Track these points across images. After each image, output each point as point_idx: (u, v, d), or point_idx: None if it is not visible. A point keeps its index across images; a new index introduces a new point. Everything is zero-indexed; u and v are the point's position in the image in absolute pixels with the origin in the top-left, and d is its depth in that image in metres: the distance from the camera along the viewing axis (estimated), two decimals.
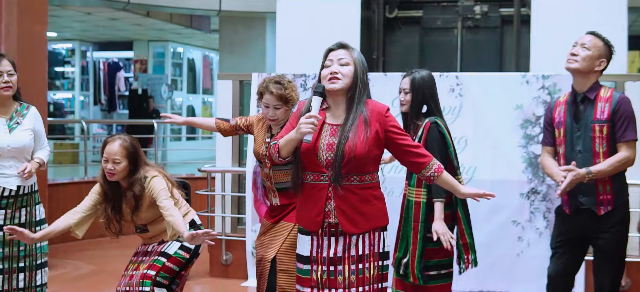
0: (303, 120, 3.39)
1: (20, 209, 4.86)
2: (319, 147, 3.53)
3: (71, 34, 19.07)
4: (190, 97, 20.49)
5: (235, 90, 7.24)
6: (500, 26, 8.26)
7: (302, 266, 3.66)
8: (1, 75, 4.75)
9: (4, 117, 4.84)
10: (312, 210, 3.58)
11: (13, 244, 4.81)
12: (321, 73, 3.60)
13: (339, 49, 3.64)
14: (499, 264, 6.08)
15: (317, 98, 3.49)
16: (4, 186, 4.79)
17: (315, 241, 3.61)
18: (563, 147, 4.38)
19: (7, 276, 4.80)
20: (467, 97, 6.20)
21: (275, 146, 3.55)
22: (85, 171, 10.07)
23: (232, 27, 14.68)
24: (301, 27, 7.92)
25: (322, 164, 3.52)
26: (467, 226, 4.55)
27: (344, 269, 3.57)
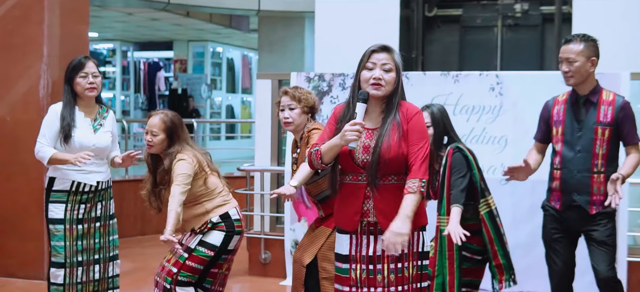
0: (348, 127, 3.38)
1: (97, 204, 5.14)
2: (356, 150, 3.56)
3: (112, 34, 19.27)
4: (229, 97, 20.59)
5: (274, 89, 7.26)
6: (541, 24, 8.18)
7: (341, 265, 3.69)
8: (87, 76, 5.00)
9: (89, 118, 5.11)
10: (349, 209, 3.62)
11: (90, 236, 5.09)
12: (361, 74, 3.58)
13: (382, 52, 3.60)
14: (538, 264, 5.99)
15: (362, 105, 3.47)
16: (85, 182, 5.05)
17: (354, 239, 3.63)
18: (561, 145, 4.49)
19: (85, 268, 5.08)
20: (507, 96, 6.15)
21: (317, 153, 3.56)
22: (125, 170, 10.16)
23: (271, 26, 14.72)
24: (340, 27, 7.92)
25: (359, 166, 3.57)
26: (500, 247, 4.57)
27: (383, 268, 3.60)
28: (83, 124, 5.05)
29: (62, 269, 5.00)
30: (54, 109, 5.06)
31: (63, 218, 5.00)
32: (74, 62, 5.05)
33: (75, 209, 5.03)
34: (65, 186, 5.01)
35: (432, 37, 8.46)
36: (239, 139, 18.64)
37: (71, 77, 5.03)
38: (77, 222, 5.04)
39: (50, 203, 5.03)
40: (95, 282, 5.15)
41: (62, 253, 5.00)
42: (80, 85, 5.01)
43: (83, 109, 5.08)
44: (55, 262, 5.02)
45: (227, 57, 20.55)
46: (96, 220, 5.13)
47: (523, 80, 6.21)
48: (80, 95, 5.06)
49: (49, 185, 5.06)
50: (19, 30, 6.98)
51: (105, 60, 19.91)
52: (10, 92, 7.02)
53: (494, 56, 8.31)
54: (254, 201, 7.46)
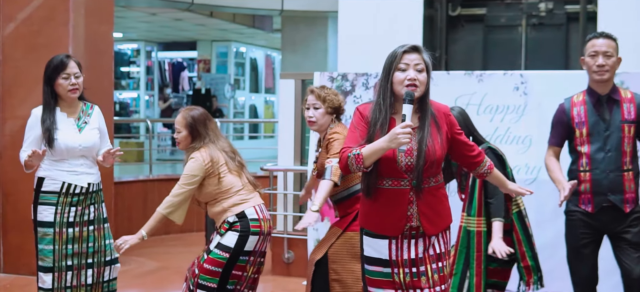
0: (399, 131, 3.28)
1: (89, 207, 4.93)
2: (397, 153, 3.48)
3: (136, 35, 19.38)
4: (253, 97, 20.64)
5: (297, 89, 7.27)
6: (565, 23, 8.12)
7: (382, 269, 3.61)
8: (69, 77, 4.80)
9: (72, 117, 4.90)
10: (392, 215, 3.55)
11: (82, 240, 4.89)
12: (394, 75, 3.52)
13: (413, 52, 3.54)
14: (563, 266, 5.94)
15: (410, 106, 3.38)
16: (76, 183, 4.85)
17: (394, 244, 3.57)
18: (587, 146, 4.42)
19: (76, 272, 4.87)
20: (531, 96, 6.11)
21: (359, 157, 3.42)
22: (150, 169, 10.23)
23: (294, 26, 14.73)
24: (363, 26, 7.91)
25: (401, 170, 3.50)
26: (529, 248, 4.57)
27: (426, 269, 3.59)
28: (67, 125, 4.85)
29: (50, 274, 4.80)
30: (35, 113, 4.87)
31: (53, 221, 4.80)
32: (55, 62, 4.83)
33: (65, 212, 4.83)
34: (56, 187, 4.82)
35: (455, 36, 8.43)
36: (262, 139, 18.68)
37: (52, 77, 4.82)
38: (68, 225, 4.83)
39: (39, 205, 4.84)
40: (88, 287, 4.93)
41: (50, 257, 4.79)
42: (62, 87, 4.81)
43: (65, 109, 4.88)
44: (43, 266, 4.82)
45: (250, 57, 20.60)
46: (89, 223, 4.92)
47: (548, 80, 6.17)
48: (62, 96, 4.85)
49: (38, 185, 4.87)
50: (44, 31, 7.04)
51: (130, 61, 20.02)
52: (35, 93, 7.05)
53: (518, 55, 8.26)
54: (277, 200, 7.47)
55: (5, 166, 7.18)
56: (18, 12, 7.12)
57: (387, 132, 3.37)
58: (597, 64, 4.38)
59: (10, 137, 7.17)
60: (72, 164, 4.84)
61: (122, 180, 9.36)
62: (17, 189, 7.14)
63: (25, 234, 7.08)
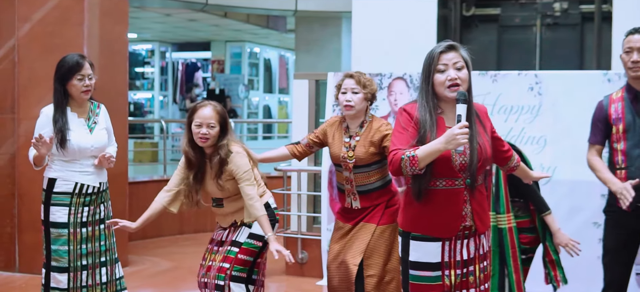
0: (457, 131, 3.22)
1: (99, 206, 4.95)
2: (452, 152, 3.42)
3: (151, 35, 19.45)
4: (267, 97, 20.67)
5: (311, 89, 7.27)
6: (580, 23, 8.09)
7: (430, 273, 3.55)
8: (83, 78, 4.78)
9: (83, 118, 4.89)
10: (446, 216, 3.50)
11: (95, 239, 4.91)
12: (434, 77, 3.47)
13: (450, 51, 3.49)
14: (578, 266, 5.94)
15: (463, 106, 3.32)
16: (88, 183, 4.86)
17: (447, 245, 3.53)
18: (623, 143, 4.37)
19: (90, 271, 4.90)
20: (546, 96, 6.09)
21: (414, 159, 3.32)
22: (164, 169, 10.26)
23: (308, 26, 14.74)
24: (377, 26, 7.90)
25: (456, 169, 3.45)
26: (552, 243, 4.57)
27: (475, 269, 3.59)
28: (78, 126, 4.83)
29: (66, 274, 4.80)
30: (46, 113, 4.83)
31: (67, 222, 4.81)
32: (71, 62, 4.78)
33: (79, 212, 4.83)
34: (68, 187, 4.81)
35: (470, 36, 8.41)
36: (276, 139, 18.69)
37: (66, 77, 4.78)
38: (82, 225, 4.85)
39: (52, 206, 4.83)
40: (103, 285, 4.95)
41: (65, 258, 4.80)
42: (75, 87, 4.78)
43: (75, 109, 4.86)
44: (58, 267, 4.81)
45: (264, 57, 20.64)
46: (100, 222, 4.95)
47: (562, 80, 6.15)
48: (73, 96, 4.82)
49: (49, 186, 4.85)
50: (59, 32, 7.07)
51: (144, 61, 20.10)
52: (50, 93, 7.06)
53: (533, 55, 8.24)
54: (291, 200, 7.47)
55: (20, 166, 7.22)
56: (33, 12, 7.16)
57: (436, 133, 3.37)
58: (632, 60, 4.32)
59: (25, 137, 7.20)
60: (83, 164, 4.85)
61: (137, 180, 9.39)
62: (32, 189, 7.16)
63: (40, 234, 7.09)
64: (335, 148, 4.63)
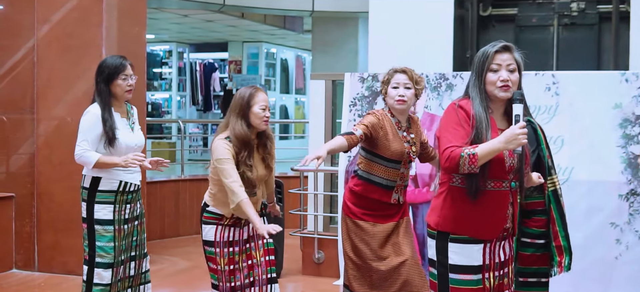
0: (519, 132, 3.23)
1: (136, 202, 5.11)
2: (505, 154, 3.40)
3: (168, 36, 19.52)
4: (283, 97, 20.69)
5: (328, 90, 7.28)
6: (598, 23, 8.05)
7: (472, 277, 3.51)
8: (127, 78, 4.94)
9: (124, 118, 5.04)
10: (492, 218, 3.49)
11: (129, 235, 5.07)
12: (487, 76, 3.46)
13: (505, 52, 3.49)
14: (595, 267, 5.93)
15: (520, 106, 3.34)
16: (131, 181, 5.02)
17: (488, 247, 3.52)
18: None
19: (124, 266, 5.06)
20: (563, 96, 6.07)
21: (474, 157, 3.29)
22: (182, 170, 10.30)
23: (324, 27, 14.75)
24: (394, 27, 7.90)
25: (505, 171, 3.45)
26: (562, 228, 4.50)
27: (508, 270, 3.63)
28: (122, 125, 4.97)
29: (110, 270, 4.93)
30: (94, 112, 4.91)
31: (112, 219, 4.93)
32: (116, 63, 4.92)
33: (122, 209, 4.98)
34: (113, 186, 4.92)
35: (486, 36, 8.39)
36: (292, 139, 18.73)
37: (111, 78, 4.91)
38: (124, 222, 5.00)
39: (97, 204, 4.93)
40: (131, 278, 5.12)
41: (111, 254, 4.92)
42: (120, 87, 4.92)
43: (117, 109, 4.99)
44: (103, 263, 4.92)
45: (281, 57, 20.65)
46: (135, 219, 5.11)
47: (580, 80, 6.13)
48: (117, 96, 4.96)
49: (93, 185, 4.93)
50: (78, 33, 7.13)
51: (162, 62, 20.16)
52: (69, 93, 7.18)
53: (550, 56, 8.21)
54: (308, 200, 7.49)
55: (39, 166, 7.29)
56: (52, 14, 7.22)
57: (490, 133, 3.36)
58: None
59: (45, 137, 7.27)
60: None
61: (154, 180, 9.44)
62: (52, 188, 7.24)
63: (58, 233, 7.20)
64: (396, 144, 4.57)
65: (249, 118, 4.41)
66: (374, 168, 4.63)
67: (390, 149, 4.55)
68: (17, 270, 7.40)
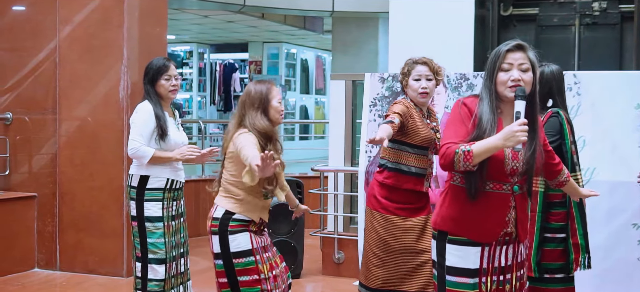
0: (518, 128, 3.13)
1: (181, 200, 5.25)
2: (505, 156, 3.31)
3: (189, 37, 19.59)
4: (303, 98, 20.71)
5: (348, 90, 7.28)
6: (619, 23, 8.00)
7: (468, 280, 3.42)
8: (170, 78, 5.08)
9: (171, 117, 5.18)
10: (489, 221, 3.39)
11: (178, 231, 5.20)
12: (498, 76, 3.35)
13: (517, 51, 3.37)
14: (617, 268, 5.89)
15: (522, 102, 3.23)
16: (177, 179, 5.17)
17: (487, 251, 3.41)
18: None
19: (177, 261, 5.20)
20: (585, 96, 6.04)
21: (469, 154, 3.21)
22: (202, 169, 10.33)
23: (344, 27, 14.74)
24: (414, 27, 7.88)
25: (507, 173, 3.34)
26: (581, 226, 4.49)
27: (512, 277, 3.47)
28: (171, 123, 5.12)
29: (163, 265, 5.07)
30: (147, 109, 5.02)
31: (161, 215, 5.08)
32: (159, 64, 5.09)
33: (170, 206, 5.13)
34: (161, 183, 5.06)
35: (507, 36, 8.35)
36: (312, 140, 18.74)
37: (155, 78, 5.08)
38: (172, 218, 5.15)
39: (146, 202, 5.05)
40: (181, 275, 5.27)
41: (163, 249, 5.06)
42: (163, 87, 5.07)
43: (165, 109, 5.14)
44: (156, 258, 5.06)
45: (301, 58, 20.67)
46: (180, 216, 5.25)
47: (602, 80, 6.09)
48: (162, 96, 5.10)
49: (142, 183, 5.06)
50: (100, 34, 7.17)
51: (183, 62, 20.24)
52: (91, 94, 7.22)
53: (572, 55, 8.16)
54: (328, 201, 7.49)
55: (61, 166, 7.33)
56: (74, 15, 7.26)
57: (495, 134, 3.23)
58: None
59: (67, 137, 7.32)
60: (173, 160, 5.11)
61: None
62: (73, 188, 7.29)
63: (80, 233, 7.25)
64: (424, 131, 4.61)
65: (268, 113, 4.27)
66: (403, 157, 4.64)
67: (420, 135, 4.58)
68: (39, 269, 7.46)
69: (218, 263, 4.26)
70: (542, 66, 4.61)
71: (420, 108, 4.69)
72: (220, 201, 4.29)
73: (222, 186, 4.30)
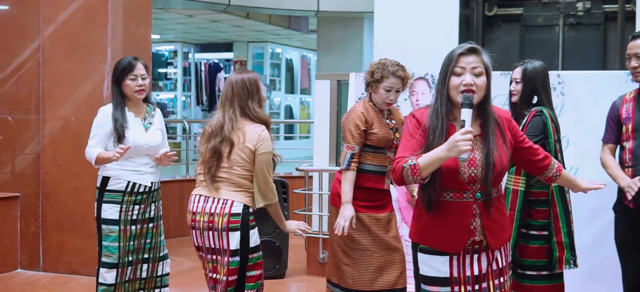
0: (460, 138, 3.04)
1: (150, 205, 5.10)
2: (460, 163, 3.22)
3: (174, 36, 19.55)
4: (288, 97, 20.71)
5: (333, 90, 7.28)
6: (603, 23, 8.03)
7: (438, 289, 3.36)
8: (136, 78, 4.95)
9: (139, 117, 5.05)
10: (454, 230, 3.30)
11: (142, 236, 5.06)
12: (450, 80, 3.27)
13: (470, 55, 3.28)
14: (602, 267, 5.91)
15: (469, 111, 3.15)
16: (140, 182, 5.00)
17: (456, 260, 3.33)
18: (631, 142, 4.38)
19: (133, 267, 5.05)
20: (569, 96, 6.06)
21: (415, 168, 3.16)
22: (186, 169, 10.31)
23: (329, 27, 14.75)
24: (399, 27, 7.89)
25: (464, 181, 3.26)
26: (565, 224, 4.52)
27: (489, 285, 3.37)
28: (134, 124, 4.99)
29: (114, 270, 4.94)
30: (104, 111, 4.98)
31: (118, 219, 4.94)
32: (124, 63, 4.97)
33: (129, 210, 4.97)
34: (121, 186, 4.94)
35: (492, 36, 8.38)
36: (297, 139, 18.73)
37: (120, 78, 4.96)
38: (131, 223, 4.99)
39: (104, 203, 4.96)
40: (142, 281, 5.11)
41: (115, 254, 4.93)
42: (129, 87, 4.96)
43: (132, 109, 5.02)
44: (108, 262, 4.95)
45: (286, 57, 20.67)
46: (150, 221, 5.10)
47: (585, 80, 6.12)
48: (128, 97, 5.00)
49: (103, 184, 4.98)
50: (84, 33, 7.14)
51: (167, 62, 20.19)
52: (75, 93, 7.18)
53: (556, 55, 8.19)
54: (313, 200, 7.49)
55: (45, 166, 7.29)
56: (58, 14, 7.23)
57: (445, 141, 3.14)
58: (630, 67, 4.38)
59: (50, 137, 7.28)
60: (136, 163, 4.98)
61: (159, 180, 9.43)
62: (57, 188, 7.25)
63: (64, 233, 7.21)
64: (381, 132, 4.63)
65: (261, 103, 4.35)
66: (362, 157, 4.65)
67: (377, 136, 4.62)
68: (22, 270, 7.41)
69: (234, 260, 4.13)
70: (525, 63, 4.65)
71: (381, 109, 4.70)
72: (233, 195, 4.16)
73: (230, 180, 4.17)
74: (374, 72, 4.63)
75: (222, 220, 4.12)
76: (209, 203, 4.18)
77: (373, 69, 4.65)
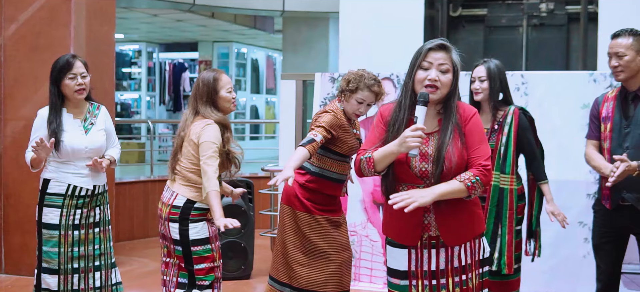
0: (409, 134, 3.12)
1: (94, 209, 4.90)
2: (411, 157, 3.26)
3: (138, 36, 19.41)
4: (254, 97, 20.66)
5: (299, 90, 7.27)
6: (566, 24, 8.13)
7: (399, 281, 3.42)
8: (75, 77, 4.77)
9: (79, 118, 4.86)
10: (408, 223, 3.34)
11: (88, 243, 4.86)
12: (416, 73, 3.31)
13: (439, 51, 3.30)
14: (564, 266, 5.99)
15: (423, 108, 3.20)
16: (81, 185, 4.82)
17: (414, 254, 3.38)
18: (609, 142, 4.38)
19: (83, 275, 4.85)
20: (532, 96, 6.12)
21: (370, 160, 3.29)
22: (151, 170, 10.23)
23: (295, 27, 14.75)
24: (364, 27, 7.91)
25: (416, 175, 3.30)
26: (537, 216, 4.69)
27: (447, 282, 3.37)
28: (73, 127, 4.80)
29: (56, 276, 4.77)
30: (41, 114, 4.82)
31: (58, 223, 4.76)
32: (61, 62, 4.78)
33: (71, 214, 4.79)
34: (61, 189, 4.77)
35: (456, 37, 8.44)
36: (263, 140, 18.71)
37: (58, 78, 4.77)
38: (73, 228, 4.80)
39: (45, 207, 4.79)
40: (97, 290, 4.91)
41: (55, 259, 4.76)
42: (68, 87, 4.76)
43: (72, 110, 4.84)
44: (48, 268, 4.78)
45: (251, 57, 20.62)
46: (95, 225, 4.89)
47: (548, 80, 6.19)
48: (68, 96, 4.80)
49: (43, 187, 4.82)
50: (46, 32, 7.06)
51: (131, 62, 20.05)
52: (37, 93, 7.09)
53: (519, 56, 8.27)
54: (278, 201, 7.47)
55: (6, 167, 7.20)
56: (20, 13, 7.13)
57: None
58: (611, 66, 4.36)
59: (12, 138, 7.18)
60: (77, 166, 4.81)
61: (123, 181, 9.37)
62: (18, 190, 7.15)
63: (26, 235, 7.11)
64: (351, 141, 4.58)
65: (217, 104, 4.40)
66: (327, 163, 4.61)
67: (348, 145, 4.57)
68: None
69: (177, 249, 4.35)
70: (486, 62, 4.69)
71: (349, 117, 4.64)
72: (179, 188, 4.35)
73: (180, 174, 4.36)
74: (350, 81, 4.56)
75: (165, 210, 4.36)
76: (165, 193, 4.43)
77: (350, 78, 4.58)
